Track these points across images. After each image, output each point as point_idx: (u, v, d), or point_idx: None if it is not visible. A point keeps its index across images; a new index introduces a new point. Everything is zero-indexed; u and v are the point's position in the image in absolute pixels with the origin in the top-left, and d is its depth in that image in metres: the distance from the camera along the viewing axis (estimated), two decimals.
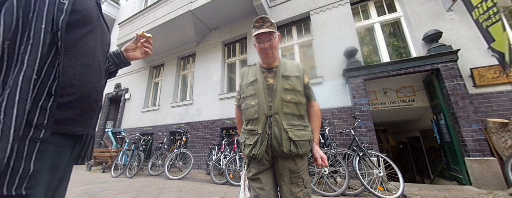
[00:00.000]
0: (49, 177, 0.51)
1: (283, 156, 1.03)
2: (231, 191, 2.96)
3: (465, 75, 3.07)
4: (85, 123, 0.60)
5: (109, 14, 9.32)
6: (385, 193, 2.48)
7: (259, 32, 1.08)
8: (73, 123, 0.56)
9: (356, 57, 3.82)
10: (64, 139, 0.56)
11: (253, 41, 1.18)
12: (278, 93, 1.09)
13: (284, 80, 1.12)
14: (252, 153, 1.05)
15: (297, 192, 1.01)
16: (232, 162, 3.59)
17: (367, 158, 2.70)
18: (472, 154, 2.74)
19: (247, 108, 1.14)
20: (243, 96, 1.20)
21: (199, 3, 5.18)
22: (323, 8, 4.59)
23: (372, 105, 4.50)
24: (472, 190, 2.62)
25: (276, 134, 1.03)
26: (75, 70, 0.55)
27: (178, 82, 6.71)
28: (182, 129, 5.30)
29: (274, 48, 1.14)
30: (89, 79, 0.58)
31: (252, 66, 1.28)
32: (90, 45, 0.60)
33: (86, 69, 0.57)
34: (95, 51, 0.62)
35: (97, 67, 0.62)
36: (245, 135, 1.15)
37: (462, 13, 3.33)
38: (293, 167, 1.04)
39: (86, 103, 0.58)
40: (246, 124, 1.15)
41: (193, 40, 6.25)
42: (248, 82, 1.18)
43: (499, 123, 2.66)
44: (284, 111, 1.06)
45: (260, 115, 1.07)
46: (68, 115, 0.54)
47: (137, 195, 2.88)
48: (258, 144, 1.04)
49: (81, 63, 0.57)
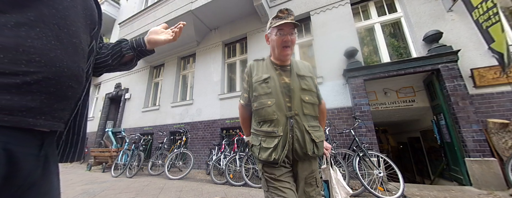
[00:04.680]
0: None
1: (304, 158, 1.00)
2: (231, 191, 2.96)
3: (465, 76, 3.07)
4: (53, 115, 0.44)
5: (110, 14, 9.33)
6: (385, 193, 2.48)
7: (285, 22, 1.00)
8: (31, 114, 0.39)
9: (356, 57, 3.82)
10: (18, 134, 0.39)
11: (271, 34, 1.09)
12: (296, 94, 1.03)
13: (300, 80, 1.07)
14: (272, 157, 0.96)
15: (310, 191, 1.00)
16: (232, 162, 3.59)
17: (367, 158, 2.70)
18: (472, 155, 2.74)
19: (263, 107, 1.03)
20: (256, 95, 1.07)
21: (200, 3, 5.19)
22: (323, 8, 4.59)
23: (372, 105, 4.50)
24: (472, 190, 2.62)
25: (299, 136, 0.97)
26: (35, 42, 0.40)
27: (178, 82, 6.71)
28: (182, 129, 5.30)
29: (294, 44, 1.07)
30: (59, 57, 0.43)
31: (261, 61, 1.17)
32: (63, 14, 0.46)
33: (54, 44, 0.43)
34: (72, 23, 0.48)
35: (73, 44, 0.48)
36: (259, 137, 1.04)
37: (462, 14, 3.33)
38: (310, 168, 1.02)
39: (52, 87, 0.42)
40: (261, 125, 1.05)
41: (193, 40, 6.25)
42: (261, 79, 1.07)
43: (499, 123, 2.66)
44: (304, 112, 1.01)
45: (280, 116, 0.99)
46: (23, 102, 0.38)
47: (137, 195, 2.88)
48: (280, 147, 0.96)
49: (46, 34, 0.42)
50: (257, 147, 1.04)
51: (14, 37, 0.38)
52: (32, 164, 0.41)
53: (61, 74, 0.43)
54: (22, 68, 0.38)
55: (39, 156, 0.43)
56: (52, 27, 0.43)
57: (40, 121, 0.41)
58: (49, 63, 0.41)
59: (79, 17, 0.51)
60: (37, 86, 0.40)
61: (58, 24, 0.45)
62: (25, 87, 0.38)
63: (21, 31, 0.39)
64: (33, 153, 0.42)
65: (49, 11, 0.43)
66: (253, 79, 1.11)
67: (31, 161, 0.41)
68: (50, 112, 0.43)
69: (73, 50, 0.48)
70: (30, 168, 0.40)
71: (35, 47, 0.40)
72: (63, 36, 0.45)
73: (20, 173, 0.38)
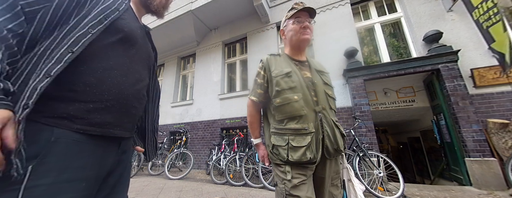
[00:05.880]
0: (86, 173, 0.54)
1: (333, 156, 0.94)
2: (231, 191, 2.95)
3: (465, 76, 3.06)
4: (124, 126, 0.66)
5: None
6: (385, 193, 2.48)
7: (302, 7, 1.00)
8: (111, 126, 0.60)
9: (356, 57, 3.82)
10: (106, 139, 0.61)
11: (287, 25, 1.08)
12: (320, 88, 0.99)
13: (320, 74, 1.05)
14: (308, 157, 0.87)
15: (337, 194, 0.95)
16: (232, 162, 3.58)
17: (367, 158, 2.70)
18: (472, 155, 2.74)
19: (288, 102, 0.95)
20: (279, 89, 0.98)
21: (200, 3, 5.18)
22: (323, 8, 4.59)
23: (372, 105, 4.50)
24: (472, 190, 2.62)
25: (329, 132, 0.93)
26: (112, 80, 0.60)
27: (178, 82, 6.71)
28: (182, 129, 5.30)
29: (312, 32, 1.06)
30: (126, 88, 0.63)
31: (277, 56, 1.10)
32: (131, 60, 0.67)
33: (123, 80, 0.62)
34: (136, 64, 0.69)
35: (136, 78, 0.68)
36: (285, 135, 0.94)
37: (462, 14, 3.33)
38: (336, 168, 0.97)
39: (123, 108, 0.63)
40: (286, 123, 0.96)
41: (193, 40, 6.25)
42: (283, 73, 0.99)
43: (499, 123, 2.66)
44: (330, 106, 0.99)
45: (309, 111, 0.92)
46: (106, 119, 0.59)
47: (137, 195, 2.88)
48: (314, 144, 0.89)
49: (120, 74, 0.62)
50: (284, 147, 0.92)
51: (101, 77, 0.57)
52: (113, 157, 0.64)
53: (127, 100, 0.63)
54: (105, 97, 0.58)
55: (117, 152, 0.66)
56: (123, 69, 0.63)
57: (116, 131, 0.62)
58: (119, 93, 0.61)
59: (141, 59, 0.73)
60: (113, 109, 0.60)
61: (127, 66, 0.65)
62: (107, 110, 0.58)
63: (105, 73, 0.58)
64: (113, 151, 0.64)
65: (123, 59, 0.64)
66: (273, 73, 1.02)
67: (113, 156, 0.64)
68: (122, 125, 0.64)
69: (136, 82, 0.68)
70: (112, 160, 0.64)
71: (112, 83, 0.59)
72: (129, 74, 0.65)
73: (108, 163, 0.62)
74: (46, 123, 0.48)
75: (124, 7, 0.66)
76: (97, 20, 0.57)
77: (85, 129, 0.54)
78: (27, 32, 0.50)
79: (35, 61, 0.49)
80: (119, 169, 0.68)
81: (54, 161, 0.47)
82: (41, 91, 0.46)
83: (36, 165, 0.45)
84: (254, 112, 1.11)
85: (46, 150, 0.47)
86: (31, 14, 0.50)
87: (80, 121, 0.53)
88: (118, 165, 0.67)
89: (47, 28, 0.52)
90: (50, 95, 0.49)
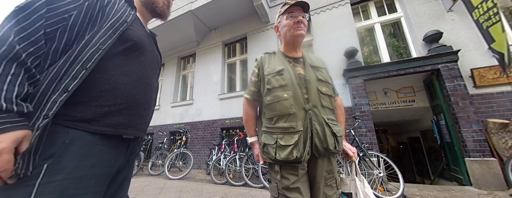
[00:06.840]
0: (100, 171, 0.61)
1: (324, 155, 0.91)
2: (231, 191, 2.95)
3: (465, 76, 3.07)
4: (136, 127, 0.71)
5: None
6: (385, 193, 2.48)
7: (295, 2, 0.99)
8: (124, 127, 0.66)
9: (356, 57, 3.82)
10: (118, 140, 0.66)
11: (281, 21, 1.07)
12: (313, 84, 0.96)
13: (315, 71, 1.02)
14: (294, 156, 0.86)
15: (332, 195, 0.92)
16: (232, 162, 3.58)
17: (367, 158, 2.70)
18: (472, 155, 2.74)
19: (278, 101, 0.95)
20: (270, 88, 0.98)
21: (200, 3, 5.18)
22: (323, 8, 4.59)
23: (372, 105, 4.50)
24: (472, 190, 2.62)
25: (318, 130, 0.89)
26: (125, 85, 0.66)
27: (178, 82, 6.71)
28: (182, 129, 5.30)
29: (306, 27, 1.03)
30: (138, 93, 0.69)
31: (272, 54, 1.11)
32: (141, 66, 0.73)
33: (134, 85, 0.68)
34: (146, 70, 0.75)
35: (146, 83, 0.74)
36: (274, 134, 0.94)
37: (462, 14, 3.33)
38: (329, 167, 0.94)
39: (134, 111, 0.68)
40: (275, 121, 0.96)
41: (193, 40, 6.25)
42: (275, 71, 0.99)
43: (499, 123, 2.66)
44: (322, 104, 0.95)
45: (298, 109, 0.91)
46: (120, 121, 0.64)
47: (137, 195, 2.88)
48: (301, 143, 0.88)
49: (131, 80, 0.68)
50: (272, 146, 0.92)
51: (115, 84, 0.63)
52: (123, 157, 0.70)
53: (138, 103, 0.70)
54: (118, 101, 0.64)
55: (126, 152, 0.72)
56: (134, 75, 0.69)
57: (128, 131, 0.67)
58: (131, 97, 0.67)
59: (150, 65, 0.79)
60: (126, 111, 0.66)
61: (137, 73, 0.70)
62: (120, 112, 0.64)
63: (118, 80, 0.64)
64: (123, 151, 0.70)
65: (134, 66, 0.70)
66: (266, 71, 1.03)
67: (122, 155, 0.70)
68: (134, 125, 0.70)
69: (146, 87, 0.74)
70: (122, 159, 0.70)
71: (125, 89, 0.65)
72: (140, 79, 0.71)
73: (118, 162, 0.67)
74: (66, 125, 0.54)
75: (131, 18, 0.71)
76: (107, 36, 0.62)
77: (102, 129, 0.59)
78: (48, 52, 0.55)
79: (52, 76, 0.54)
80: (127, 168, 0.75)
81: (68, 160, 0.52)
82: (61, 104, 0.53)
83: (51, 164, 0.50)
84: (249, 110, 1.13)
85: (61, 150, 0.52)
86: (51, 34, 0.55)
87: (97, 123, 0.59)
88: (126, 164, 0.74)
89: (65, 47, 0.58)
90: (69, 101, 0.55)
